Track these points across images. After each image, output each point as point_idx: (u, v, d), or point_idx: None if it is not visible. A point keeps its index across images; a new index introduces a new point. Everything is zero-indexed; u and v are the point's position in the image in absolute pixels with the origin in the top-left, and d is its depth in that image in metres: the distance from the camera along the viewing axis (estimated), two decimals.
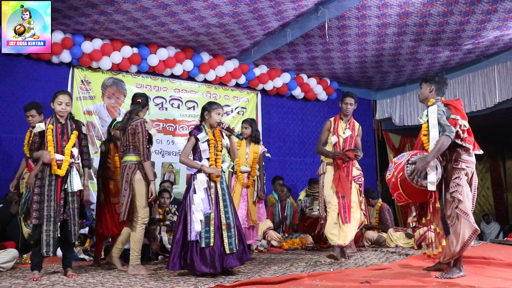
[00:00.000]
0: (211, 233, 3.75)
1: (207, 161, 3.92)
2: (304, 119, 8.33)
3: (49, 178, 3.80)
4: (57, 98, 3.92)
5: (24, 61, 6.10)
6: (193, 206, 3.78)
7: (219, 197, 3.89)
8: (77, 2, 5.21)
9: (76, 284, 3.54)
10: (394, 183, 3.53)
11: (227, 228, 3.81)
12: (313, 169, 8.18)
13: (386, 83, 8.42)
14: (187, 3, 5.26)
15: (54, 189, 3.79)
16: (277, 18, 5.71)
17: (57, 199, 3.78)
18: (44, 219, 3.72)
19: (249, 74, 7.38)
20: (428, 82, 3.76)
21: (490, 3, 5.18)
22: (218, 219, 3.82)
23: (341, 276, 3.67)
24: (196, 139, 3.93)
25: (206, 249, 3.71)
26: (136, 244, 4.04)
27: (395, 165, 3.57)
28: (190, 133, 3.98)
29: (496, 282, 3.33)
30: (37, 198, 3.76)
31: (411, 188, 3.46)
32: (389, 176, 3.60)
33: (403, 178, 3.44)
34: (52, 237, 3.72)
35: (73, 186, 3.84)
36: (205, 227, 3.75)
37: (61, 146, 3.86)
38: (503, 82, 6.68)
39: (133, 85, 6.87)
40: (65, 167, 3.82)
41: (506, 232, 8.64)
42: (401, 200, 3.60)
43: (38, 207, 3.75)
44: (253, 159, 5.18)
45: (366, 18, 5.63)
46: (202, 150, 3.92)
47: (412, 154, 3.53)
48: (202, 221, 3.75)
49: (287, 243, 6.08)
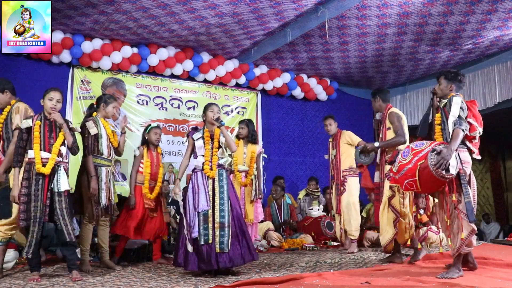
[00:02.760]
0: (209, 230, 3.73)
1: (202, 158, 3.94)
2: (304, 119, 8.33)
3: (35, 177, 3.64)
4: (48, 94, 3.82)
5: (24, 61, 6.11)
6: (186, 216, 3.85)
7: (216, 195, 3.85)
8: (77, 2, 5.22)
9: (76, 284, 3.54)
10: (410, 169, 3.42)
11: (221, 227, 3.76)
12: (313, 169, 8.20)
13: (386, 83, 8.43)
14: (187, 3, 5.26)
15: (41, 189, 3.65)
16: (277, 18, 5.71)
17: (43, 199, 3.64)
18: (31, 220, 3.58)
19: (249, 74, 7.38)
20: (450, 80, 3.74)
21: (490, 3, 5.18)
22: (212, 217, 3.79)
23: (341, 276, 3.67)
24: (193, 139, 4.03)
25: (204, 246, 3.70)
26: (82, 242, 4.15)
27: (413, 151, 3.46)
28: (187, 135, 4.10)
29: (496, 282, 3.33)
30: (24, 199, 3.60)
31: (428, 177, 3.39)
32: (404, 161, 3.48)
33: (425, 166, 3.36)
34: (35, 238, 3.59)
35: (59, 185, 3.70)
36: (203, 224, 3.74)
37: (49, 143, 3.73)
38: (503, 82, 6.69)
39: (133, 85, 6.87)
40: (51, 166, 3.67)
41: (506, 232, 8.64)
42: (410, 188, 3.52)
43: (25, 208, 3.59)
44: (251, 158, 5.21)
45: (366, 18, 5.63)
46: (197, 148, 3.98)
47: (435, 144, 3.47)
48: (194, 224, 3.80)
49: (287, 243, 6.08)
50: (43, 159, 3.69)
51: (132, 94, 6.87)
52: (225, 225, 3.77)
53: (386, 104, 4.64)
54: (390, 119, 4.49)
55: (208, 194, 3.83)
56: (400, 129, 4.39)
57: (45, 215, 3.64)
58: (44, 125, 3.77)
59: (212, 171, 3.89)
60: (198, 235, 3.73)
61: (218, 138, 4.01)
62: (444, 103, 3.65)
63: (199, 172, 3.92)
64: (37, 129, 3.72)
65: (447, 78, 3.73)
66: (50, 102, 3.80)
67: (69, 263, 3.81)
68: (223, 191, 3.88)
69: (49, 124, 3.80)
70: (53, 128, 3.81)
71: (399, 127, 4.40)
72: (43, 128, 3.76)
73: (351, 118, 8.45)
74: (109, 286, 3.45)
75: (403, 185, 3.53)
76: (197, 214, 3.78)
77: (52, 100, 3.80)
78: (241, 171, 5.18)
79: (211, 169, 3.89)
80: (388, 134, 4.50)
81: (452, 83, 3.70)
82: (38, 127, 3.74)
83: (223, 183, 3.91)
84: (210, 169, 3.89)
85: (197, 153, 3.98)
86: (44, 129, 3.76)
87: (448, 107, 3.57)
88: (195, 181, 3.89)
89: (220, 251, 3.69)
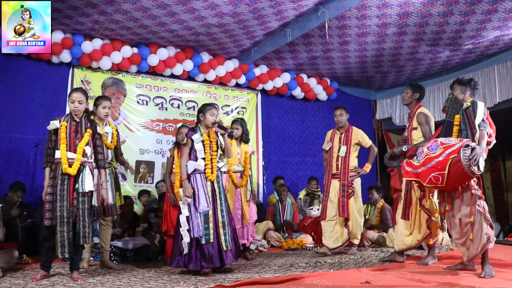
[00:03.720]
0: (211, 230, 3.87)
1: (202, 161, 4.00)
2: (304, 119, 8.33)
3: (61, 177, 3.69)
4: (70, 96, 3.85)
5: (24, 61, 6.10)
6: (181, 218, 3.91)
7: (216, 196, 4.00)
8: (77, 2, 5.21)
9: (76, 284, 3.54)
10: (441, 162, 3.45)
11: (223, 225, 3.94)
12: (313, 169, 8.19)
13: (386, 83, 8.43)
14: (187, 3, 5.26)
15: (66, 189, 3.68)
16: (277, 18, 5.71)
17: (69, 198, 3.67)
18: (57, 220, 3.62)
19: (249, 74, 7.38)
20: (464, 85, 3.87)
21: (490, 3, 5.18)
22: (215, 217, 3.94)
23: (341, 276, 3.67)
24: (192, 140, 4.03)
25: (205, 245, 3.83)
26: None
27: (443, 145, 3.50)
28: (186, 135, 4.07)
29: (496, 282, 3.33)
30: (49, 198, 3.67)
31: (457, 172, 3.44)
32: (433, 154, 3.51)
33: (457, 159, 3.40)
34: (66, 238, 3.61)
35: (84, 186, 3.72)
36: (204, 224, 3.87)
37: (74, 144, 3.75)
38: (503, 82, 6.69)
39: (133, 85, 6.87)
40: (77, 166, 3.70)
41: (506, 232, 8.63)
42: (435, 182, 3.53)
43: (50, 207, 3.65)
44: (245, 158, 5.13)
45: (366, 18, 5.63)
46: (197, 150, 4.02)
47: (467, 140, 3.50)
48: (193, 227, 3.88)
49: (287, 243, 6.08)
50: (69, 160, 3.73)
51: (132, 94, 6.87)
52: (226, 223, 3.97)
53: (418, 103, 4.51)
54: (418, 119, 4.37)
55: (208, 195, 3.95)
56: (429, 132, 4.30)
57: (73, 215, 3.68)
58: (70, 126, 3.81)
59: (213, 174, 4.02)
60: (200, 235, 3.83)
61: (215, 141, 4.09)
62: (467, 106, 3.74)
63: (199, 174, 3.99)
64: (64, 130, 3.77)
65: (461, 83, 3.88)
66: (72, 105, 3.84)
67: (72, 263, 3.83)
68: (221, 191, 4.06)
69: (75, 125, 3.84)
70: (78, 129, 3.84)
71: (428, 130, 4.32)
72: (69, 129, 3.79)
73: (351, 118, 8.33)
74: (109, 286, 3.45)
75: (427, 178, 3.54)
76: (199, 214, 3.89)
77: (73, 102, 3.83)
78: (236, 172, 5.11)
79: (212, 172, 4.02)
80: (413, 134, 4.39)
81: (465, 87, 3.84)
82: (64, 128, 3.78)
83: (220, 185, 4.09)
84: (211, 172, 4.01)
85: (198, 155, 4.02)
86: (70, 130, 3.79)
87: (471, 110, 3.68)
88: (194, 183, 3.96)
89: (226, 248, 3.88)
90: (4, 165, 5.87)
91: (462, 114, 3.77)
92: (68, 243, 3.63)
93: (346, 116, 5.24)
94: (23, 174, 5.85)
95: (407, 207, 4.27)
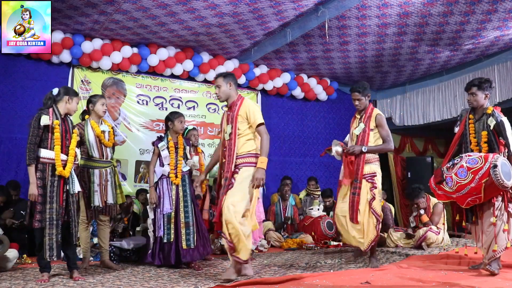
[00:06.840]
0: (171, 230, 4.30)
1: (168, 166, 4.40)
2: (304, 119, 8.33)
3: (51, 179, 3.61)
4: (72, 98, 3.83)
5: (24, 61, 6.10)
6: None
7: (180, 198, 4.38)
8: (77, 2, 5.22)
9: (76, 284, 3.54)
10: (474, 188, 3.53)
11: (185, 226, 4.32)
12: (313, 169, 8.19)
13: (386, 83, 8.43)
14: (187, 3, 5.26)
15: (56, 190, 3.62)
16: (277, 18, 5.71)
17: (59, 200, 3.62)
18: (46, 222, 3.55)
19: (249, 74, 7.38)
20: (484, 90, 3.85)
21: (490, 3, 5.18)
22: (177, 218, 4.33)
23: (341, 276, 3.67)
24: (158, 148, 4.45)
25: (166, 244, 4.28)
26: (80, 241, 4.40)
27: (470, 170, 3.55)
28: (153, 144, 4.52)
29: (496, 282, 3.33)
30: (40, 199, 3.56)
31: (492, 191, 3.55)
32: (464, 181, 3.57)
33: (490, 182, 3.48)
34: (55, 241, 3.56)
35: (74, 187, 3.72)
36: (167, 225, 4.31)
37: (65, 145, 3.70)
38: (503, 82, 6.68)
39: (133, 85, 6.87)
40: (70, 168, 3.66)
41: None
42: (472, 203, 3.65)
43: (41, 209, 3.56)
44: None
45: (366, 18, 5.63)
46: (163, 157, 4.42)
47: (491, 158, 3.52)
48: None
49: (287, 243, 6.08)
50: (62, 161, 3.66)
51: (132, 94, 6.87)
52: (190, 224, 4.34)
53: (370, 102, 4.44)
54: (378, 121, 4.23)
55: (172, 199, 4.37)
56: (389, 135, 4.19)
57: (61, 217, 3.64)
58: (61, 124, 3.72)
59: (177, 178, 4.41)
60: (162, 234, 4.29)
61: (182, 147, 4.48)
62: (494, 123, 3.74)
63: (165, 179, 4.42)
64: (58, 130, 3.66)
65: (481, 88, 3.84)
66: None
67: (70, 262, 3.81)
68: (186, 195, 4.42)
69: (64, 125, 3.77)
70: (67, 128, 3.78)
71: (388, 132, 4.20)
72: (61, 128, 3.70)
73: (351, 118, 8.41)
74: (109, 286, 3.45)
75: (465, 202, 3.65)
76: (162, 216, 4.33)
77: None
78: None
79: (176, 176, 4.41)
80: (371, 136, 4.23)
81: (485, 91, 3.84)
82: (58, 126, 3.67)
83: (186, 188, 4.44)
84: (176, 177, 4.41)
85: (164, 162, 4.42)
86: (61, 130, 3.71)
87: (497, 127, 3.72)
88: (161, 187, 4.41)
89: (187, 247, 4.26)
90: (4, 165, 5.87)
91: (488, 132, 3.78)
92: (57, 246, 3.58)
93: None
94: (23, 174, 5.85)
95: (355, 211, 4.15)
